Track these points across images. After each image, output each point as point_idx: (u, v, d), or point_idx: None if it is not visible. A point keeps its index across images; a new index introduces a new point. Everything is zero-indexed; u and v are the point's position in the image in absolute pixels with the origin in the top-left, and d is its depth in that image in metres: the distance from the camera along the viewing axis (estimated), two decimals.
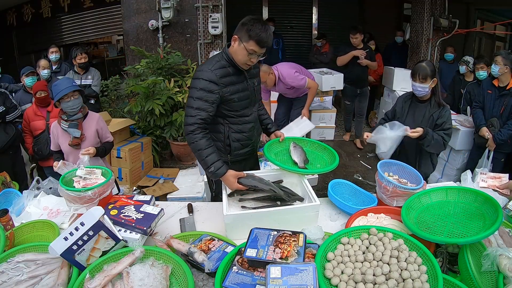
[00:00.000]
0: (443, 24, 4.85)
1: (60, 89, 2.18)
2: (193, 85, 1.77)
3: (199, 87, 1.74)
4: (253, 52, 1.71)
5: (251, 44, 1.68)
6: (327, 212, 1.77)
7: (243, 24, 1.70)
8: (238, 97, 1.83)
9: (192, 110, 1.73)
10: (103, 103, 4.80)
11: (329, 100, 4.99)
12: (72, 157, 2.29)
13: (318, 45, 5.85)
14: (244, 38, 1.69)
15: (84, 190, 1.47)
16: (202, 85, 1.73)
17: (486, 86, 3.17)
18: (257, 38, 1.66)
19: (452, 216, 1.40)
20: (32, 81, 3.32)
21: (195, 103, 1.73)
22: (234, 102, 1.83)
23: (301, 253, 1.16)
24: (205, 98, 1.73)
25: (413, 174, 1.79)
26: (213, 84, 1.73)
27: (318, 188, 3.55)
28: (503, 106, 2.99)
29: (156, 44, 4.76)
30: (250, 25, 1.67)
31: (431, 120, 2.23)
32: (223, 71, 1.77)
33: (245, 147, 1.99)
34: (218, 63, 1.78)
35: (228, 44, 1.82)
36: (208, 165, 1.69)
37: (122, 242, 1.32)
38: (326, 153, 2.03)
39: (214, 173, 1.69)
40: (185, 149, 4.31)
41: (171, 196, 3.49)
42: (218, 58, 1.81)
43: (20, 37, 6.54)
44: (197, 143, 1.70)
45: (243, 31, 1.69)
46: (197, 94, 1.73)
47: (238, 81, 1.82)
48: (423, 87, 2.19)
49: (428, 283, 1.07)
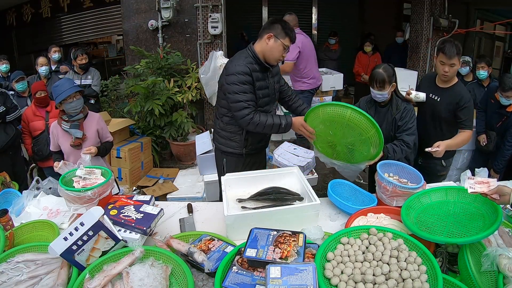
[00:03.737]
0: (442, 24, 4.85)
1: (62, 91, 2.17)
2: (231, 81, 1.88)
3: (239, 81, 1.87)
4: (287, 48, 1.92)
5: (287, 40, 1.90)
6: (327, 212, 1.77)
7: (274, 22, 1.91)
8: (262, 93, 1.97)
9: (242, 103, 1.88)
10: (103, 103, 4.80)
11: (329, 100, 5.00)
12: (72, 157, 2.29)
13: (330, 43, 6.02)
14: (280, 35, 1.88)
15: (83, 190, 1.47)
16: (241, 79, 1.87)
17: (491, 94, 3.15)
18: (291, 34, 1.90)
19: (452, 216, 1.40)
20: (23, 86, 3.35)
21: (242, 96, 1.88)
22: (258, 98, 1.96)
23: (301, 253, 1.16)
24: (248, 90, 1.89)
25: (413, 174, 1.79)
26: (248, 76, 1.89)
27: (318, 188, 3.54)
28: (501, 121, 3.03)
29: (156, 44, 4.76)
30: (283, 23, 1.90)
31: (394, 123, 2.17)
32: (252, 66, 1.91)
33: (260, 142, 2.19)
34: (247, 59, 1.91)
35: (253, 42, 1.97)
36: (279, 124, 1.92)
37: (122, 242, 1.32)
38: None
39: (287, 123, 1.93)
40: (185, 149, 4.31)
41: (171, 196, 3.49)
42: (245, 55, 1.95)
43: (20, 37, 6.53)
44: (260, 121, 1.89)
45: (278, 29, 1.88)
46: (240, 89, 1.87)
47: (262, 78, 1.97)
48: (381, 94, 2.10)
49: (428, 283, 1.07)
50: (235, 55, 2.01)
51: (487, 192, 1.25)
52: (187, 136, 4.33)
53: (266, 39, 1.90)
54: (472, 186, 1.29)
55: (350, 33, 7.46)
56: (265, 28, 1.92)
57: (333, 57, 5.95)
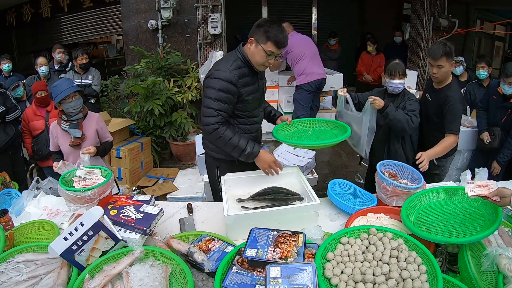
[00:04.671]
0: (442, 24, 4.85)
1: (61, 90, 2.17)
2: (210, 84, 1.75)
3: (218, 87, 1.72)
4: (271, 53, 1.72)
5: (269, 46, 1.70)
6: (327, 212, 1.76)
7: (259, 26, 1.71)
8: (252, 98, 1.84)
9: (212, 111, 1.73)
10: (103, 103, 4.80)
11: (329, 100, 5.00)
12: (72, 157, 2.29)
13: (331, 43, 6.06)
14: (261, 40, 1.70)
15: (83, 190, 1.47)
16: (221, 86, 1.72)
17: (492, 90, 3.09)
18: (275, 39, 1.68)
19: (452, 216, 1.40)
20: (19, 93, 3.38)
21: (214, 104, 1.73)
22: (248, 103, 1.84)
23: (301, 253, 1.16)
24: (224, 99, 1.73)
25: (413, 174, 1.79)
26: (231, 85, 1.73)
27: (318, 188, 3.54)
28: (506, 115, 2.93)
29: (156, 44, 4.76)
30: (267, 27, 1.68)
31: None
32: (240, 71, 1.76)
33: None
34: (235, 63, 1.76)
35: (243, 43, 1.81)
36: (243, 148, 1.74)
37: (122, 242, 1.32)
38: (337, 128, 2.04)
39: (251, 153, 1.74)
40: (185, 149, 4.31)
41: (171, 196, 3.49)
42: (233, 57, 1.79)
43: (20, 37, 6.53)
44: (224, 135, 1.73)
45: (260, 32, 1.70)
46: (216, 95, 1.72)
47: (252, 82, 1.83)
48: (402, 83, 2.33)
49: (427, 283, 1.07)
50: (224, 56, 1.87)
51: (487, 194, 1.25)
52: (187, 136, 4.33)
53: (249, 43, 1.76)
54: (472, 190, 1.29)
55: (350, 33, 7.47)
56: (251, 30, 1.76)
57: (333, 57, 5.98)
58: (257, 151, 1.76)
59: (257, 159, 1.77)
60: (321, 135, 2.01)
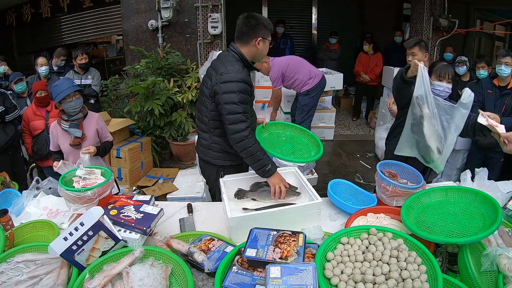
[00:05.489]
0: (442, 24, 4.86)
1: (61, 90, 2.18)
2: (228, 89, 1.68)
3: (237, 90, 1.68)
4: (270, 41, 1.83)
5: (269, 35, 1.81)
6: (327, 212, 1.76)
7: (257, 24, 1.76)
8: (252, 98, 1.87)
9: (240, 116, 1.69)
10: (103, 103, 4.80)
11: (328, 100, 5.00)
12: (72, 157, 2.29)
13: (331, 42, 6.04)
14: (266, 34, 1.79)
15: (83, 190, 1.47)
16: (240, 88, 1.69)
17: (485, 86, 3.13)
18: (270, 26, 1.80)
19: (452, 216, 1.40)
20: (21, 87, 3.36)
21: (239, 108, 1.68)
22: (251, 103, 1.86)
23: (301, 253, 1.16)
24: (245, 101, 1.72)
25: (413, 174, 1.79)
26: (247, 85, 1.73)
27: (318, 188, 3.51)
28: (504, 105, 2.96)
29: (156, 44, 4.76)
30: (262, 20, 1.77)
31: None
32: (245, 71, 1.79)
33: None
34: (239, 63, 1.77)
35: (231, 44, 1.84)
36: (265, 164, 1.72)
37: (122, 242, 1.32)
38: (308, 138, 2.07)
39: (270, 169, 1.72)
40: (185, 149, 4.31)
41: (171, 196, 3.49)
42: (233, 58, 1.77)
43: (20, 37, 6.53)
44: (253, 146, 1.71)
45: (263, 29, 1.77)
46: (239, 98, 1.69)
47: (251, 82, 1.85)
48: (450, 88, 2.00)
49: (427, 282, 1.07)
50: (220, 58, 1.82)
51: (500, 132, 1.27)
52: (187, 136, 4.33)
53: (255, 44, 1.76)
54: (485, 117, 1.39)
55: (350, 33, 7.46)
56: (249, 33, 1.75)
57: (333, 57, 5.98)
58: (275, 169, 1.75)
59: (272, 178, 1.74)
60: (294, 142, 2.04)
